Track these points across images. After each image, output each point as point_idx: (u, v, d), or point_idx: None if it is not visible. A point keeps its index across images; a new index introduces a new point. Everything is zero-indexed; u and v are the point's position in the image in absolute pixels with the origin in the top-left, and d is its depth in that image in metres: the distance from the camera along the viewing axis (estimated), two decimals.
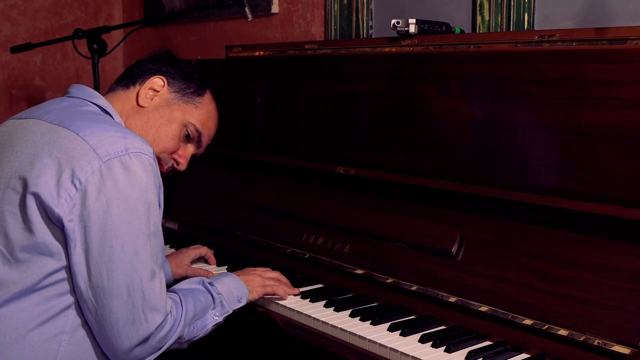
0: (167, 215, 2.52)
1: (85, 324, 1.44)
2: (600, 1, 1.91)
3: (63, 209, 1.37)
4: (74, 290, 1.42)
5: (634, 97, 1.44)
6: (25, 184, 1.40)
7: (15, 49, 2.93)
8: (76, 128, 1.45)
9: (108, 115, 1.60)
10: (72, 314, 1.43)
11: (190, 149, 1.74)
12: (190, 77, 1.72)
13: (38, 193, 1.38)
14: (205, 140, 1.76)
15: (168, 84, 1.68)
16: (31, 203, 1.38)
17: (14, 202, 1.41)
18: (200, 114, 1.72)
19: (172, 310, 1.49)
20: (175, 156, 1.71)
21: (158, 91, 1.67)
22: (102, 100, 1.62)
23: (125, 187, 1.40)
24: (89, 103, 1.60)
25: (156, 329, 1.44)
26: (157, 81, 1.67)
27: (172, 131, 1.68)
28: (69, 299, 1.42)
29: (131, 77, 1.69)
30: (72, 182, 1.38)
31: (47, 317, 1.40)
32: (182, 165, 1.73)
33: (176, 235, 2.41)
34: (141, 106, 1.65)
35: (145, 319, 1.42)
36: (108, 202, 1.39)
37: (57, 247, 1.40)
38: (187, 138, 1.71)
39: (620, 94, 1.46)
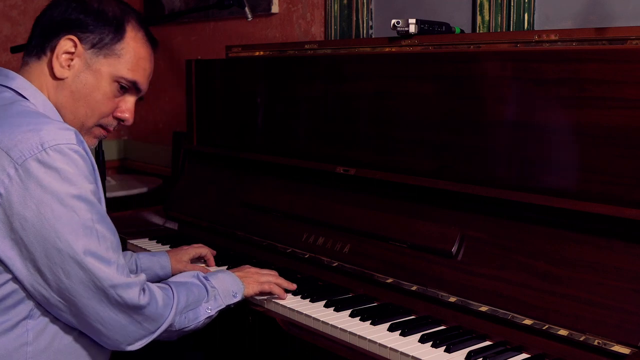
0: (167, 216, 2.52)
1: (46, 330, 1.38)
2: (600, 1, 1.91)
3: None
4: (32, 298, 1.35)
5: (634, 97, 1.44)
6: None
7: (15, 49, 2.93)
8: None
9: (24, 100, 1.44)
10: (31, 323, 1.36)
11: (130, 99, 1.55)
12: (102, 18, 1.49)
13: None
14: (144, 83, 1.56)
15: (80, 41, 1.47)
16: None
17: None
18: (127, 61, 1.51)
19: (151, 288, 1.45)
20: (118, 114, 1.54)
21: (72, 52, 1.46)
22: (18, 81, 1.46)
23: (51, 186, 1.29)
24: (5, 88, 1.45)
25: (138, 299, 1.39)
26: (67, 44, 1.46)
27: (102, 94, 1.50)
28: (24, 309, 1.35)
29: (39, 43, 1.48)
30: None
31: (4, 329, 1.34)
32: (129, 120, 1.56)
33: (176, 235, 2.41)
34: (60, 79, 1.47)
35: (122, 300, 1.37)
36: (38, 207, 1.29)
37: None
38: (123, 89, 1.53)
39: (620, 94, 1.46)
